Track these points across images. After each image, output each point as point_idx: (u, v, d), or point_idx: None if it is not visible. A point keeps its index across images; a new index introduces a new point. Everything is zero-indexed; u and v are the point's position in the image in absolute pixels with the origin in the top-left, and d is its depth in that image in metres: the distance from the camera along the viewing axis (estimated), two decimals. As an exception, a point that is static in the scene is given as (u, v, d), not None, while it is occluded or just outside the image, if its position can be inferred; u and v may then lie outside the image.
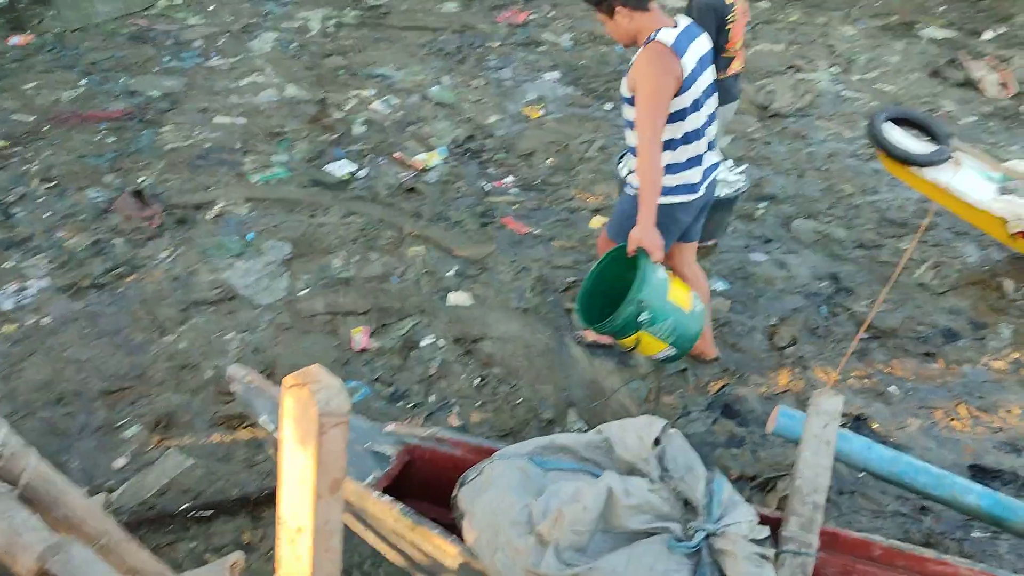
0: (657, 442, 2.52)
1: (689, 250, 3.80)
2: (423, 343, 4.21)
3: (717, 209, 4.30)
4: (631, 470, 2.50)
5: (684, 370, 4.06)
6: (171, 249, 4.76)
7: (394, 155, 5.72)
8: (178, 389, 3.91)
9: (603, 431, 2.63)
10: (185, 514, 3.36)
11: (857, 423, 3.79)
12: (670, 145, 3.29)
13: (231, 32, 7.62)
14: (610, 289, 3.22)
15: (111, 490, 3.41)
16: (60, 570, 1.79)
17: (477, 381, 4.00)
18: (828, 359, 4.15)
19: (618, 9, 3.17)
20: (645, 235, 3.09)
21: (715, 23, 4.13)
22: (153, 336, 4.19)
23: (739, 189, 4.52)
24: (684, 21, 3.23)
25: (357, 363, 4.07)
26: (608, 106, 6.49)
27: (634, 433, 2.54)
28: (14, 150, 5.60)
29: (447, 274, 4.66)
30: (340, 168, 5.55)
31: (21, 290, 4.45)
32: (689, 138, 3.30)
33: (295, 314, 4.34)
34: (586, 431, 3.68)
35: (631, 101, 3.24)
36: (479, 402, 3.88)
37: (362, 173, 5.53)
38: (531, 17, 8.11)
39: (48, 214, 5.01)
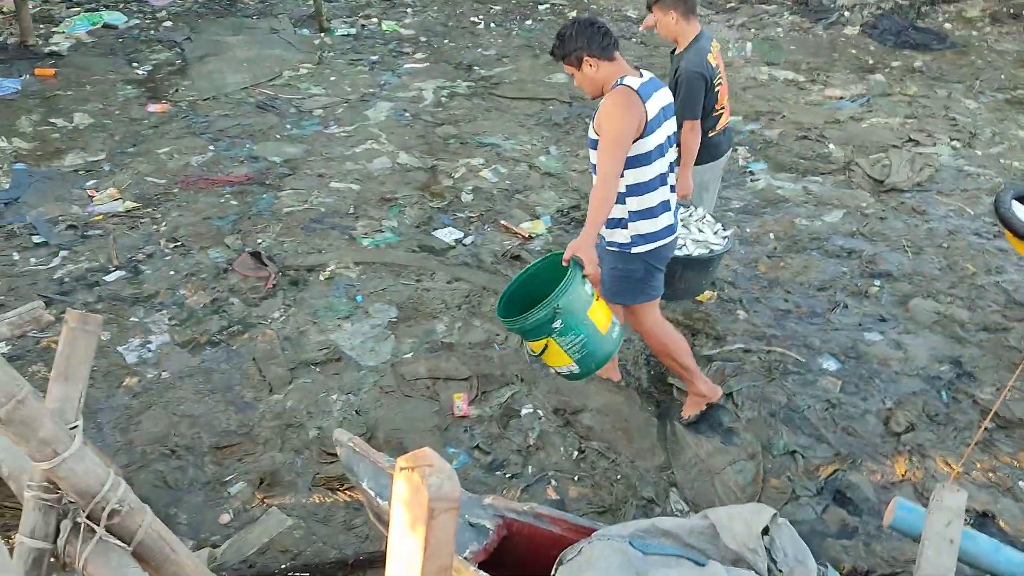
0: (766, 531, 2.41)
1: (650, 308, 3.88)
2: (523, 412, 4.19)
3: (694, 269, 4.27)
4: (737, 560, 2.39)
5: (793, 452, 3.90)
6: (283, 309, 4.92)
7: (500, 223, 5.80)
8: (283, 448, 3.99)
9: (708, 516, 2.53)
10: (284, 574, 3.39)
11: (983, 520, 3.55)
12: (639, 190, 3.50)
13: (349, 102, 7.96)
14: (540, 294, 3.18)
15: (215, 545, 3.48)
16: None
17: (576, 454, 3.94)
18: (949, 448, 3.92)
19: (585, 59, 3.39)
20: (582, 247, 3.18)
21: (704, 87, 4.37)
22: (262, 394, 4.31)
23: (717, 251, 4.27)
24: (648, 74, 3.47)
25: (457, 429, 4.08)
26: (716, 178, 6.44)
27: (742, 521, 2.43)
28: (146, 211, 5.95)
29: (549, 343, 4.65)
30: (448, 234, 5.66)
31: (144, 344, 4.67)
32: (655, 184, 3.51)
33: (398, 377, 4.40)
34: (688, 513, 3.58)
35: (596, 144, 3.40)
36: (577, 476, 3.82)
37: (468, 240, 5.62)
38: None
39: (172, 273, 5.27)
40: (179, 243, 5.55)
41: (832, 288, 5.15)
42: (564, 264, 3.21)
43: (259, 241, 5.56)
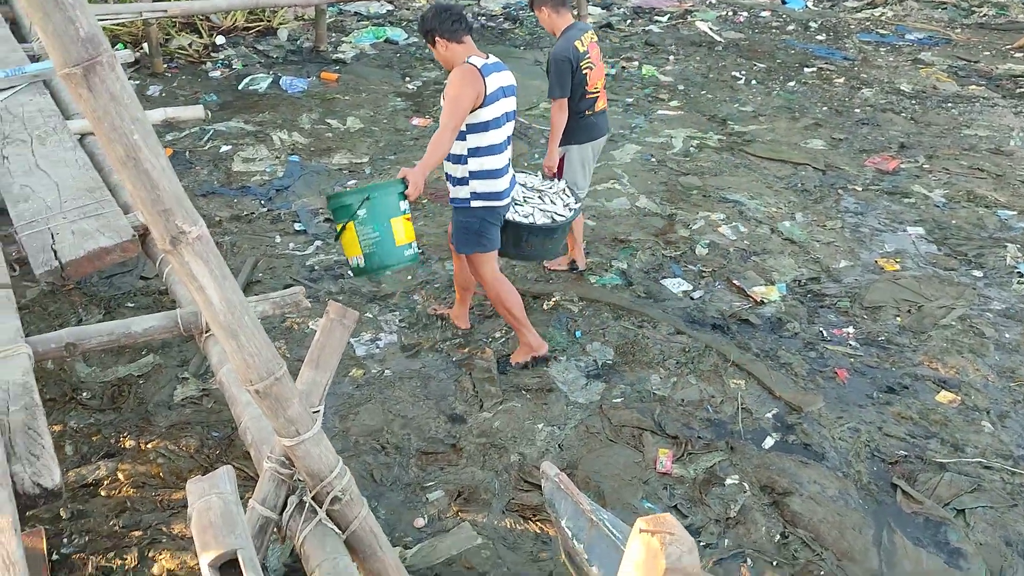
0: None
1: (487, 259, 4.51)
2: (727, 481, 4.02)
3: (538, 235, 4.64)
4: None
5: (1029, 593, 3.47)
6: (505, 331, 5.03)
7: (732, 282, 5.64)
8: (484, 466, 4.07)
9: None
10: (465, 590, 3.44)
11: None
12: (479, 153, 4.23)
13: (598, 139, 8.06)
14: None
15: (407, 546, 3.60)
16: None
17: (778, 537, 3.72)
18: None
19: (438, 39, 4.19)
20: (414, 173, 3.91)
21: (570, 69, 4.92)
22: (472, 409, 4.42)
23: (560, 221, 4.67)
24: (495, 59, 4.26)
25: (656, 485, 3.98)
26: (977, 273, 5.90)
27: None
28: (395, 216, 6.32)
29: (765, 415, 4.44)
30: (676, 285, 5.57)
31: (374, 340, 4.95)
32: (493, 150, 4.24)
33: (605, 420, 4.37)
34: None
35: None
36: (776, 561, 3.60)
37: (697, 294, 5.50)
38: (902, 166, 7.69)
39: (409, 278, 5.55)
40: (420, 251, 5.84)
41: (1102, 417, 4.55)
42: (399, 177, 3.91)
43: (493, 262, 5.73)
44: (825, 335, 5.14)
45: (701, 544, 3.68)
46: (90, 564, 3.51)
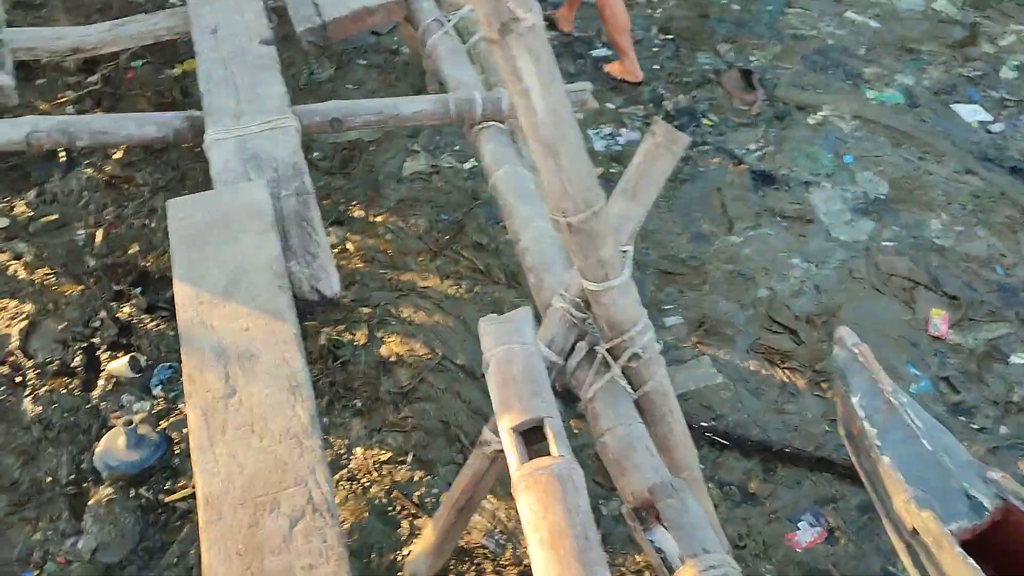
0: None
1: None
2: (1011, 359, 3.47)
3: None
4: None
5: None
6: (761, 144, 4.45)
7: (1041, 116, 4.70)
8: (728, 296, 3.69)
9: None
10: (701, 431, 3.19)
11: None
12: None
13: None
14: None
15: (643, 374, 3.34)
16: (668, 514, 1.62)
17: (1068, 434, 3.20)
18: None
19: None
20: None
21: None
22: (719, 230, 3.98)
23: None
24: None
25: (927, 350, 3.49)
26: None
27: None
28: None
29: (1067, 287, 3.77)
30: (971, 113, 4.69)
31: (613, 135, 4.50)
32: None
33: (872, 266, 3.82)
34: None
35: None
36: (1063, 462, 3.11)
37: (996, 127, 4.62)
38: None
39: (656, 67, 4.95)
40: (670, 37, 5.18)
41: None
42: None
43: (752, 59, 5.02)
44: None
45: (974, 426, 3.23)
46: (322, 335, 3.48)
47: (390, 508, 2.99)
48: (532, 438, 1.55)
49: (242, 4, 2.94)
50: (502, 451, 1.76)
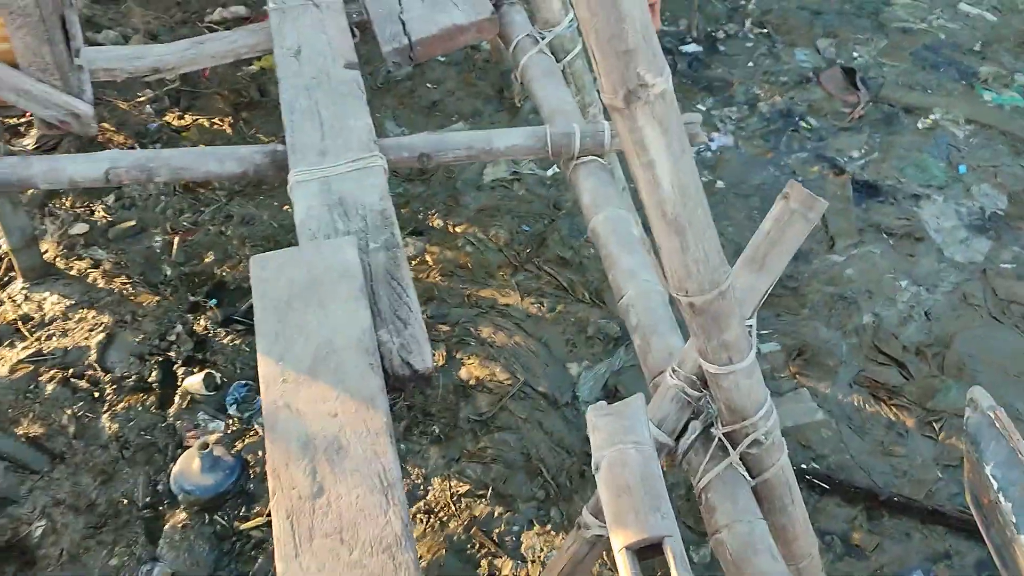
0: None
1: None
2: None
3: None
4: None
5: None
6: (865, 149, 4.17)
7: None
8: (829, 322, 3.45)
9: None
10: (800, 473, 2.97)
11: None
12: None
13: None
14: None
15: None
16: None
17: None
18: None
19: None
20: None
21: None
22: (820, 248, 3.73)
23: None
24: None
25: (1050, 390, 3.20)
26: None
27: None
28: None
29: None
30: (1102, 118, 4.32)
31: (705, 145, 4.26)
32: None
33: (989, 290, 3.54)
34: None
35: None
36: None
37: None
38: None
39: (750, 64, 4.68)
40: (765, 30, 4.88)
41: None
42: None
43: (855, 56, 4.70)
44: None
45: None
46: (400, 355, 3.35)
47: (469, 545, 2.86)
48: (646, 551, 1.39)
49: (325, 20, 2.79)
50: (603, 536, 1.60)
